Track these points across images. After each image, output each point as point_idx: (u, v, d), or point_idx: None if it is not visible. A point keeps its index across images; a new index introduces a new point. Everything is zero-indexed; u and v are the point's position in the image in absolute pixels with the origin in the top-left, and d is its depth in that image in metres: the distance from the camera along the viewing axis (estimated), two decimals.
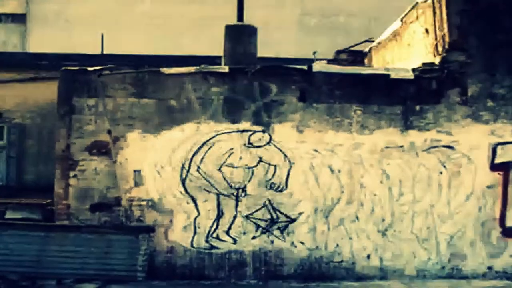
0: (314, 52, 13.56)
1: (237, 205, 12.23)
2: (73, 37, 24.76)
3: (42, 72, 13.58)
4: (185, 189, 12.20)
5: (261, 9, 25.66)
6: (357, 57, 17.24)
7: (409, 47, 14.14)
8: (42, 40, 25.79)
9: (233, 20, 14.21)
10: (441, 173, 12.41)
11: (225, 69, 12.51)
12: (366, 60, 17.09)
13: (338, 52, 17.53)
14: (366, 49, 17.30)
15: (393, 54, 15.14)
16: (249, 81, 12.37)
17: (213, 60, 13.74)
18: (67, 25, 27.06)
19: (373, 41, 16.79)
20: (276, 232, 12.26)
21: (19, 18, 29.06)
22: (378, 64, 16.05)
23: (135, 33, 26.01)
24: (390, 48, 15.36)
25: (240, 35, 13.36)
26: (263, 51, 17.21)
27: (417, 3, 13.66)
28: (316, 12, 27.83)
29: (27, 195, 13.58)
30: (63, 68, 12.57)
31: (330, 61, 16.30)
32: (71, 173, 12.20)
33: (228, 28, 13.52)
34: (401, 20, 14.64)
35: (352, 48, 17.54)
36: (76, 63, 13.34)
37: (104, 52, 18.17)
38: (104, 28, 23.14)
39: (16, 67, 16.11)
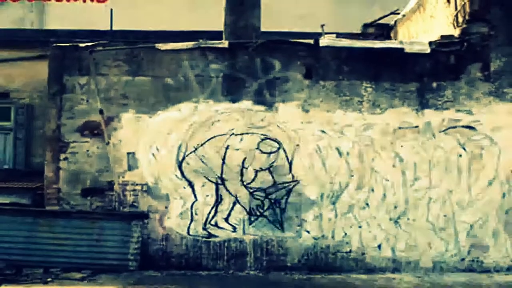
0: (322, 25, 12.84)
1: (238, 190, 11.81)
2: (91, 13, 24.78)
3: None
4: (182, 173, 11.85)
5: None
6: (384, 31, 16.43)
7: (432, 19, 13.41)
8: (59, 17, 25.93)
9: None
10: (460, 156, 11.87)
11: (225, 44, 12.10)
12: (392, 34, 16.27)
13: (365, 25, 16.81)
14: (392, 22, 16.46)
15: (417, 27, 14.45)
16: (251, 57, 11.98)
17: (219, 35, 13.18)
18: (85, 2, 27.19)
19: (399, 13, 15.94)
20: (279, 219, 11.81)
21: None
22: (404, 37, 15.25)
23: (150, 8, 25.96)
24: (415, 20, 14.69)
25: (242, 7, 12.75)
26: (295, 25, 16.56)
27: None
28: None
29: (35, 178, 13.27)
30: (53, 44, 12.30)
31: (357, 35, 15.55)
32: (62, 156, 11.97)
33: None
34: None
35: (380, 22, 16.73)
36: (86, 39, 12.93)
37: (115, 29, 17.81)
38: (122, 4, 23.04)
39: (23, 45, 15.83)
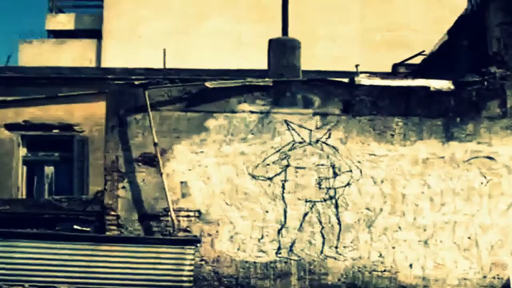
0: (357, 65, 14.27)
1: (282, 215, 12.87)
2: (145, 52, 25.65)
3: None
4: (231, 200, 12.91)
5: (324, 25, 26.42)
6: (413, 70, 17.87)
7: (455, 59, 14.72)
8: (116, 55, 26.70)
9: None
10: (482, 183, 12.98)
11: (269, 82, 13.20)
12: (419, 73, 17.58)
13: (395, 65, 18.16)
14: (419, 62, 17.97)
15: (442, 66, 15.65)
16: (293, 94, 13.11)
17: (263, 73, 14.35)
18: (140, 41, 28.20)
19: (425, 55, 17.30)
20: (321, 242, 12.85)
21: (94, 34, 30.64)
22: (430, 76, 16.45)
23: (201, 49, 26.82)
24: (440, 60, 15.96)
25: (284, 49, 14.04)
26: (327, 66, 17.54)
27: (461, 16, 14.27)
28: (380, 27, 28.60)
29: (93, 205, 14.22)
30: (111, 82, 13.52)
31: (388, 75, 16.81)
32: (120, 185, 13.01)
33: (272, 42, 14.24)
34: (448, 33, 15.31)
35: (408, 62, 18.08)
36: (141, 77, 14.04)
37: (168, 67, 19.00)
38: (174, 44, 24.06)
39: (83, 82, 17.39)
